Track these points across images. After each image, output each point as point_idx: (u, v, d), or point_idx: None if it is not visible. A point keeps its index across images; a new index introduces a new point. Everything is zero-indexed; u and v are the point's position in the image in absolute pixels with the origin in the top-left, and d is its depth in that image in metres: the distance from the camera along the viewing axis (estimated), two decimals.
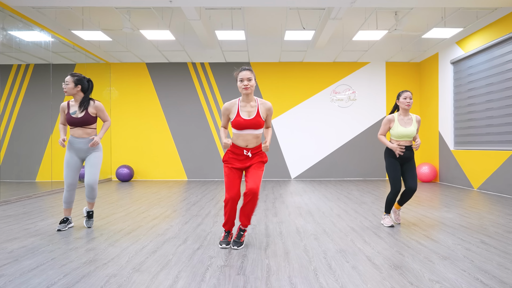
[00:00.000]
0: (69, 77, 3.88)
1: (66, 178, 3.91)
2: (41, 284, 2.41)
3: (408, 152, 4.01)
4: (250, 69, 3.25)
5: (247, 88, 3.19)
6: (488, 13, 6.56)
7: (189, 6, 5.85)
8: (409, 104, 3.96)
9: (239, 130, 3.22)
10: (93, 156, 3.96)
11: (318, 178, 9.94)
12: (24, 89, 9.80)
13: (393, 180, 4.01)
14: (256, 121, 3.21)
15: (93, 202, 4.12)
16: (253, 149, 3.28)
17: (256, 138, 3.27)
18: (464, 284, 2.41)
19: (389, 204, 4.15)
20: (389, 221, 4.14)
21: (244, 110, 3.24)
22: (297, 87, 9.99)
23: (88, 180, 3.92)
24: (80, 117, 3.86)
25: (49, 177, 8.94)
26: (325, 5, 5.94)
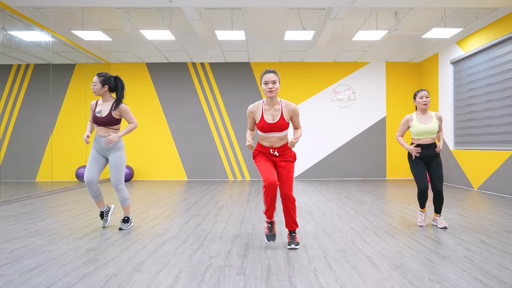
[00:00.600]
0: (96, 78, 3.87)
1: (85, 174, 3.90)
2: (41, 284, 2.41)
3: (431, 150, 3.95)
4: (275, 72, 3.23)
5: (271, 91, 3.17)
6: (488, 13, 6.55)
7: (189, 6, 5.85)
8: (426, 103, 3.93)
9: (264, 133, 3.25)
10: (114, 157, 3.91)
11: (318, 178, 9.94)
12: (24, 89, 9.80)
13: (417, 179, 3.98)
14: (280, 124, 3.20)
15: (125, 206, 4.04)
16: (279, 148, 3.29)
17: (281, 140, 3.28)
18: (464, 284, 2.41)
19: (421, 201, 4.11)
20: (421, 220, 4.11)
21: (268, 113, 3.24)
22: (297, 87, 9.99)
23: (112, 183, 3.95)
24: (103, 117, 3.86)
25: (49, 177, 8.94)
26: (325, 5, 5.94)
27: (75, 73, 9.87)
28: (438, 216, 4.09)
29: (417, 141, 3.99)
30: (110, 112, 3.88)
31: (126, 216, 4.09)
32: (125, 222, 4.05)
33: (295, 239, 3.29)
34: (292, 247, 3.22)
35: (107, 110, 3.89)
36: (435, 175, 3.97)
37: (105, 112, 3.88)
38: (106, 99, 3.93)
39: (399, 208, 5.26)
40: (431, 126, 3.91)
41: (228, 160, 9.95)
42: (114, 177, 3.92)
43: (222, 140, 9.98)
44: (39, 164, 9.66)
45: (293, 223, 3.31)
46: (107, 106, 3.91)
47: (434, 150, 3.97)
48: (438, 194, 3.98)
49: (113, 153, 3.92)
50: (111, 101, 3.93)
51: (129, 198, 4.13)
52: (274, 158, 3.31)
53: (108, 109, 3.89)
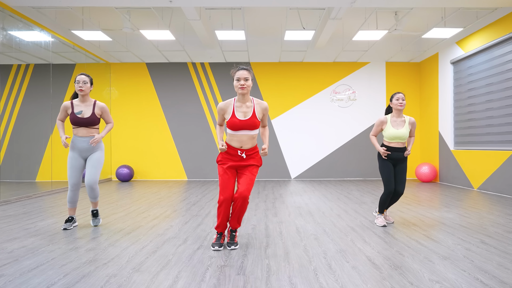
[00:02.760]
0: (85, 77, 3.88)
1: (70, 178, 3.91)
2: (41, 284, 2.41)
3: (400, 154, 4.07)
4: (248, 69, 3.19)
5: (243, 88, 3.12)
6: (488, 13, 6.55)
7: (189, 6, 5.85)
8: (402, 104, 4.01)
9: (234, 130, 3.17)
10: (95, 156, 3.97)
11: (318, 178, 9.94)
12: (24, 89, 9.80)
13: (386, 181, 4.07)
14: (252, 121, 3.14)
15: (95, 201, 4.13)
16: (247, 150, 3.22)
17: (251, 139, 3.21)
18: (464, 284, 2.41)
19: (382, 204, 4.18)
20: (382, 221, 4.17)
21: (239, 110, 3.18)
22: (297, 87, 9.98)
23: (88, 180, 3.93)
24: (86, 118, 3.88)
25: (49, 177, 8.94)
26: (325, 5, 5.94)
27: (75, 73, 9.86)
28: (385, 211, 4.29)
29: (388, 144, 4.09)
30: (94, 111, 3.91)
31: (95, 209, 4.18)
32: (96, 215, 4.17)
33: (235, 240, 3.31)
34: (233, 248, 3.22)
35: (90, 110, 3.91)
36: (399, 178, 4.09)
37: (88, 112, 3.90)
38: (86, 99, 3.94)
39: (399, 208, 5.26)
40: (402, 132, 4.01)
41: None
42: (92, 175, 3.92)
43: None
44: (39, 164, 9.66)
45: (237, 223, 3.32)
46: (87, 106, 3.92)
47: (402, 154, 4.07)
48: (397, 196, 4.13)
49: (96, 153, 3.97)
50: (90, 101, 3.96)
51: None
52: (238, 162, 3.22)
53: (90, 109, 3.91)
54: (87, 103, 3.95)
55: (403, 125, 4.05)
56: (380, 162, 4.15)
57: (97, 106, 3.97)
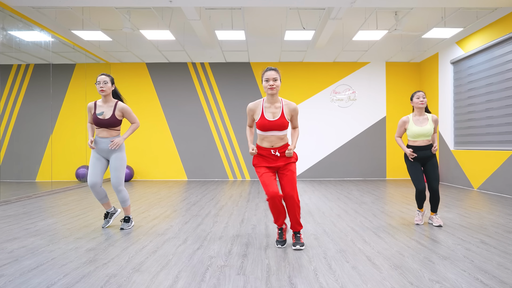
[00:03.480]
0: (105, 77, 3.82)
1: (88, 177, 3.88)
2: (41, 284, 2.41)
3: (427, 151, 4.05)
4: (276, 69, 3.22)
5: (272, 88, 3.15)
6: (488, 13, 6.55)
7: (189, 6, 5.85)
8: (423, 102, 4.04)
9: (264, 131, 3.20)
10: (115, 158, 3.89)
11: (318, 178, 9.94)
12: (24, 89, 9.80)
13: (414, 180, 4.08)
14: (281, 122, 3.17)
15: (126, 206, 4.04)
16: (280, 148, 3.23)
17: (281, 139, 3.23)
18: (464, 284, 2.41)
19: (418, 201, 4.18)
20: (418, 219, 4.20)
21: (268, 111, 3.21)
22: (297, 87, 9.99)
23: (113, 184, 3.90)
24: (107, 119, 3.82)
25: (49, 177, 8.94)
26: (325, 5, 5.94)
27: (75, 73, 9.87)
28: (434, 215, 4.17)
29: (413, 143, 4.08)
30: (114, 113, 3.85)
31: (127, 216, 4.09)
32: (126, 221, 4.06)
33: (300, 240, 3.28)
34: (297, 248, 3.20)
35: (110, 111, 3.84)
36: (431, 175, 4.07)
37: (108, 114, 3.84)
38: (108, 99, 3.88)
39: (399, 208, 5.26)
40: (426, 129, 4.00)
41: (228, 160, 9.95)
42: (115, 178, 3.89)
43: (222, 140, 9.98)
44: (39, 164, 9.66)
45: (297, 225, 3.30)
46: (109, 107, 3.86)
47: (430, 151, 4.05)
48: (434, 194, 4.07)
49: (114, 154, 3.90)
50: (112, 102, 3.90)
51: (129, 199, 4.12)
52: (275, 162, 3.24)
53: (111, 110, 3.85)
54: (109, 104, 3.87)
55: (426, 122, 4.05)
56: (407, 163, 4.14)
57: (118, 107, 3.88)
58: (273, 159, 3.24)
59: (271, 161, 3.25)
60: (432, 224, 4.15)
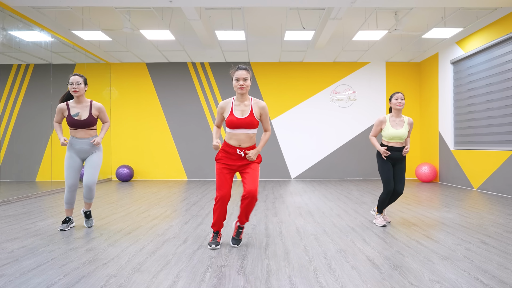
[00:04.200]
0: (78, 77, 3.82)
1: (67, 179, 3.89)
2: (41, 284, 2.41)
3: (399, 153, 4.09)
4: (247, 68, 3.23)
5: (242, 88, 3.17)
6: (488, 13, 6.55)
7: (189, 6, 5.85)
8: (401, 104, 4.04)
9: (232, 129, 3.21)
10: (94, 156, 3.94)
11: (318, 178, 9.94)
12: (24, 89, 9.80)
13: (385, 180, 4.09)
14: (250, 120, 3.19)
15: (90, 202, 4.10)
16: (246, 148, 3.25)
17: (249, 138, 3.24)
18: (464, 284, 2.41)
19: (381, 203, 4.19)
20: (381, 220, 4.18)
21: (237, 109, 3.23)
22: (297, 87, 9.99)
23: (87, 181, 3.89)
24: (84, 120, 3.83)
25: (49, 177, 8.94)
26: (325, 5, 5.94)
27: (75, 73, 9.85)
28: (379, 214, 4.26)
29: (387, 143, 4.12)
30: (91, 113, 3.87)
31: (88, 210, 4.14)
32: (89, 216, 4.13)
33: (240, 236, 3.37)
34: (234, 245, 3.29)
35: (87, 112, 3.86)
36: (398, 177, 4.12)
37: (85, 114, 3.85)
38: (81, 100, 3.88)
39: (399, 208, 5.26)
40: (401, 132, 4.03)
41: None
42: (91, 175, 3.88)
43: (222, 140, 9.96)
44: (39, 164, 9.65)
45: (245, 219, 3.35)
46: (84, 108, 3.86)
47: (401, 153, 4.09)
48: (396, 196, 4.15)
49: (94, 154, 3.94)
50: (86, 102, 3.91)
51: None
52: (238, 162, 3.24)
53: (87, 110, 3.86)
54: (83, 104, 3.88)
55: (402, 125, 4.07)
56: (379, 162, 4.17)
57: (93, 107, 3.91)
58: (236, 158, 3.24)
59: (234, 160, 3.25)
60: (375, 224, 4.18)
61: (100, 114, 3.98)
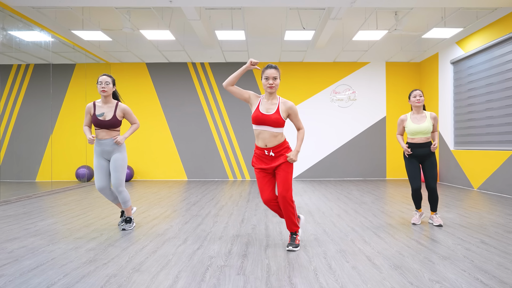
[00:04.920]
0: (107, 77, 3.81)
1: (96, 182, 3.89)
2: (41, 284, 2.41)
3: (425, 149, 4.10)
4: (277, 68, 3.23)
5: (271, 87, 3.18)
6: (488, 13, 6.55)
7: (189, 6, 5.85)
8: (419, 101, 4.10)
9: (257, 124, 3.19)
10: (116, 158, 3.87)
11: (318, 178, 9.94)
12: (24, 89, 9.80)
13: (410, 178, 4.16)
14: (275, 118, 3.14)
15: (127, 207, 4.02)
16: (274, 148, 3.19)
17: (274, 137, 3.18)
18: (464, 284, 2.41)
19: (414, 201, 4.24)
20: (415, 218, 4.24)
21: (264, 106, 3.22)
22: (297, 87, 9.99)
23: (114, 185, 3.89)
24: (108, 120, 3.81)
25: (49, 177, 8.94)
26: (325, 5, 5.94)
27: (75, 73, 9.87)
28: (434, 214, 4.21)
29: (411, 140, 4.14)
30: (115, 114, 3.84)
31: (128, 217, 4.07)
32: (128, 222, 4.05)
33: (295, 241, 3.27)
34: (290, 249, 3.19)
35: (111, 112, 3.83)
36: (428, 174, 4.13)
37: (110, 115, 3.82)
38: (108, 100, 3.86)
39: (399, 208, 5.26)
40: (423, 126, 4.05)
41: (228, 160, 9.95)
42: (115, 179, 3.87)
43: (222, 140, 9.98)
44: (39, 164, 9.66)
45: (292, 225, 3.29)
46: (109, 108, 3.84)
47: (428, 149, 4.10)
48: (432, 193, 4.13)
49: (115, 154, 3.89)
50: (113, 103, 3.89)
51: (130, 200, 4.11)
52: (270, 163, 3.22)
53: (112, 111, 3.84)
54: (109, 105, 3.86)
55: (424, 120, 4.10)
56: (405, 160, 4.22)
57: (119, 108, 3.88)
58: (268, 159, 3.23)
59: (266, 162, 3.24)
60: (432, 224, 4.17)
61: (126, 116, 3.94)
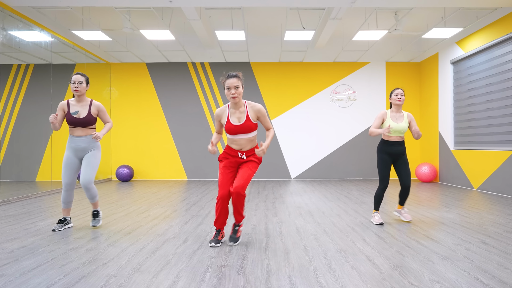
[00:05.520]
0: (80, 76, 3.84)
1: (63, 177, 3.90)
2: (41, 284, 2.41)
3: (399, 148, 4.16)
4: (238, 76, 3.19)
5: (234, 97, 3.16)
6: (488, 13, 6.55)
7: (189, 6, 5.85)
8: (400, 100, 4.13)
9: (232, 135, 3.26)
10: (91, 155, 3.91)
11: (318, 178, 9.94)
12: (24, 89, 9.80)
13: (382, 176, 4.17)
14: (247, 125, 3.21)
15: (94, 201, 4.07)
16: (247, 151, 3.32)
17: (250, 141, 3.29)
18: (464, 284, 2.41)
19: (377, 200, 4.24)
20: (379, 219, 4.21)
21: (234, 116, 3.25)
22: (297, 87, 9.99)
23: (82, 180, 3.86)
24: (83, 118, 3.84)
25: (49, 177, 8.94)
26: (325, 5, 5.94)
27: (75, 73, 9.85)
28: (402, 208, 4.30)
29: (388, 138, 4.19)
30: (90, 111, 3.88)
31: (95, 210, 4.10)
32: (96, 216, 4.10)
33: (237, 234, 3.36)
34: (231, 244, 3.27)
35: (86, 110, 3.87)
36: (404, 171, 4.17)
37: (84, 112, 3.86)
38: (82, 99, 3.90)
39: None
40: (401, 126, 4.11)
41: None
42: (87, 174, 3.84)
43: (222, 140, 9.97)
44: (39, 164, 9.65)
45: (238, 215, 3.35)
46: (84, 107, 3.88)
47: (402, 148, 4.16)
48: (406, 189, 4.20)
49: (90, 152, 3.92)
50: (87, 101, 3.92)
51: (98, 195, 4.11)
52: (240, 160, 3.33)
53: (86, 109, 3.87)
54: (83, 103, 3.91)
55: (402, 119, 4.15)
56: (378, 157, 4.24)
57: (93, 105, 3.93)
58: (237, 160, 3.33)
59: (236, 163, 3.35)
60: (400, 218, 4.27)
61: (99, 114, 3.99)
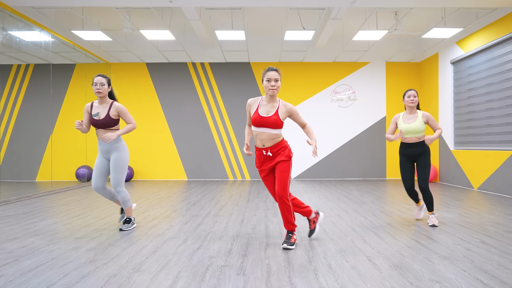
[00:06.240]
0: (102, 78, 3.84)
1: (92, 181, 3.94)
2: (41, 284, 2.41)
3: (416, 149, 4.16)
4: (277, 70, 3.25)
5: (273, 89, 3.19)
6: (488, 13, 6.55)
7: (189, 6, 5.85)
8: (413, 101, 4.16)
9: (256, 127, 3.24)
10: (115, 158, 3.88)
11: (318, 178, 9.94)
12: (24, 89, 9.80)
13: (402, 178, 4.32)
14: (274, 120, 3.18)
15: (126, 207, 4.03)
16: (271, 148, 3.25)
17: (271, 138, 3.24)
18: (464, 284, 2.41)
19: (411, 197, 4.38)
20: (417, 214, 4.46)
21: (264, 108, 3.25)
22: (297, 87, 9.99)
23: (112, 185, 3.93)
24: (102, 119, 3.83)
25: (49, 177, 8.94)
26: (325, 5, 5.94)
27: (75, 73, 9.87)
28: (431, 214, 4.25)
29: (403, 140, 4.22)
30: (109, 113, 3.87)
31: (128, 217, 4.07)
32: (127, 222, 4.04)
33: (290, 240, 3.29)
34: (285, 247, 3.23)
35: (105, 112, 3.86)
36: (420, 173, 4.21)
37: (103, 114, 3.86)
38: (104, 100, 3.90)
39: (399, 208, 5.26)
40: (413, 126, 4.12)
41: (228, 160, 9.95)
42: (113, 179, 3.89)
43: (222, 140, 9.98)
44: (39, 164, 9.66)
45: (289, 224, 3.32)
46: (104, 108, 3.88)
47: (420, 149, 4.15)
48: (424, 193, 4.19)
49: (114, 154, 3.90)
50: (108, 103, 3.92)
51: (130, 200, 4.10)
52: (269, 163, 3.30)
53: (105, 111, 3.87)
54: (104, 105, 3.89)
55: (415, 119, 4.16)
56: (400, 159, 4.31)
57: (113, 107, 3.89)
58: (265, 159, 3.31)
59: (265, 163, 3.33)
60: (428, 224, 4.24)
61: (120, 115, 3.93)
